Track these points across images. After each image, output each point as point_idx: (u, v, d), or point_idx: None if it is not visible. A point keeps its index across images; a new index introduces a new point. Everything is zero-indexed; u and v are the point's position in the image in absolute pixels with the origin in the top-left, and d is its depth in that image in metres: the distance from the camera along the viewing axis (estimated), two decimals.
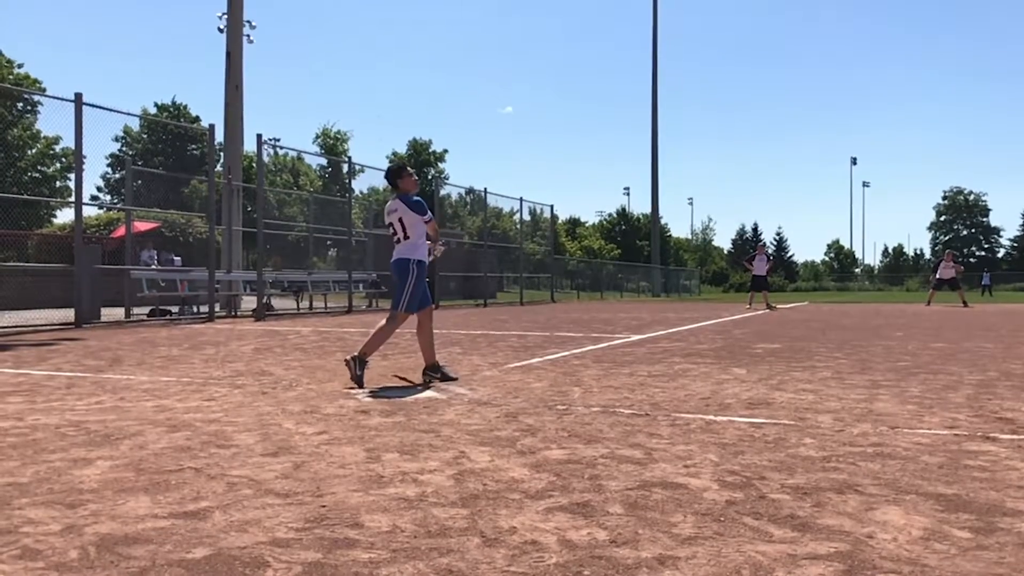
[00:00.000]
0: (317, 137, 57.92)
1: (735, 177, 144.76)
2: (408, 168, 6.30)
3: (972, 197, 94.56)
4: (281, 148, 49.38)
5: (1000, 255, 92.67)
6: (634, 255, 67.20)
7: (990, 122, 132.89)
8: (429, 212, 6.17)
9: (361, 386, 5.66)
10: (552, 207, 32.75)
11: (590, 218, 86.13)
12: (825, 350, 8.87)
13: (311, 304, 20.56)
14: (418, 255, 6.06)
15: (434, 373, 6.04)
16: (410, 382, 6.01)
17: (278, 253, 22.74)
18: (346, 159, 21.68)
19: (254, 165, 21.56)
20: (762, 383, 6.02)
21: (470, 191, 34.07)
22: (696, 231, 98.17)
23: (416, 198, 6.13)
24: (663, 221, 71.08)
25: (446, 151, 62.12)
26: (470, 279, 27.53)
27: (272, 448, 3.70)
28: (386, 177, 6.37)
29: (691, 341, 10.23)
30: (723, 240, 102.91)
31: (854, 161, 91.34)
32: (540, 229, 35.33)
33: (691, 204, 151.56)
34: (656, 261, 53.53)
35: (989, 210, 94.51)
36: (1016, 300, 35.63)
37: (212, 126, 16.17)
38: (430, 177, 56.24)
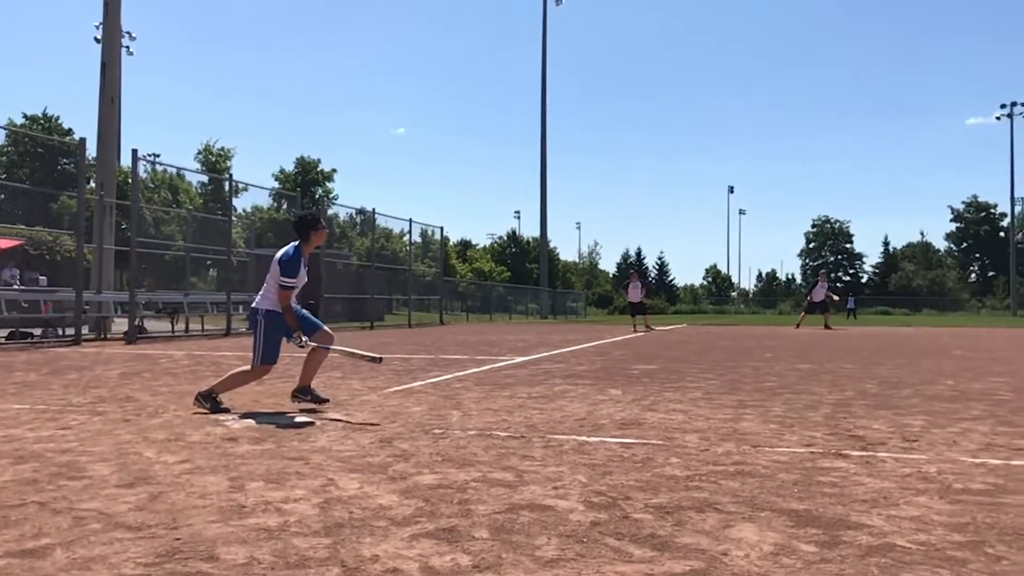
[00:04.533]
0: (199, 153, 56.12)
1: (621, 202, 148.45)
2: (321, 222, 5.88)
3: (838, 225, 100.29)
4: (159, 164, 47.57)
5: (864, 280, 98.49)
6: (524, 277, 67.99)
7: (853, 154, 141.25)
8: (288, 280, 5.59)
9: (223, 412, 5.46)
10: (442, 229, 32.93)
11: (481, 240, 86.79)
12: (698, 371, 9.19)
13: (187, 327, 19.74)
14: (267, 304, 5.72)
15: (304, 395, 5.87)
16: (284, 408, 5.84)
17: (154, 273, 21.79)
18: (228, 176, 21.04)
19: (130, 181, 20.64)
20: (636, 403, 6.17)
21: (360, 211, 33.72)
22: (583, 254, 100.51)
23: (290, 256, 5.64)
24: (552, 244, 72.46)
25: (335, 170, 61.21)
26: (357, 301, 27.12)
27: (128, 479, 3.51)
28: (295, 226, 5.88)
29: (572, 363, 10.40)
30: (609, 264, 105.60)
31: (731, 189, 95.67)
32: (430, 251, 35.25)
33: (579, 228, 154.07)
34: (544, 284, 54.23)
35: (852, 236, 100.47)
36: (878, 323, 37.98)
37: (83, 140, 15.45)
38: (317, 197, 55.26)
